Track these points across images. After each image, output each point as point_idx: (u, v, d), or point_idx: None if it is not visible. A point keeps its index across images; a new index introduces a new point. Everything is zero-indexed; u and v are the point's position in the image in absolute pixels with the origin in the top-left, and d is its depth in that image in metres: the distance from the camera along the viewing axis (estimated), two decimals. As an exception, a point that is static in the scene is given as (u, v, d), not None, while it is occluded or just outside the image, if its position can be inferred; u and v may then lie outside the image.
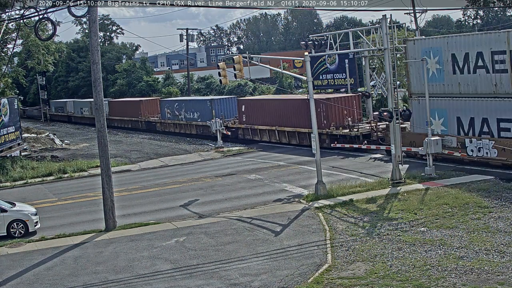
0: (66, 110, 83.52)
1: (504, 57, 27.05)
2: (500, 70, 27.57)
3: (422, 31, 65.16)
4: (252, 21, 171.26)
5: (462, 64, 29.37)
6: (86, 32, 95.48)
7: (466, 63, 29.17)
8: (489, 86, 28.33)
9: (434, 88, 30.62)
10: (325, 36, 29.41)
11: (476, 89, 29.11)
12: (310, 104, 26.25)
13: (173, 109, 55.89)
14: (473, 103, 29.14)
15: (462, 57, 29.21)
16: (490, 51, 27.78)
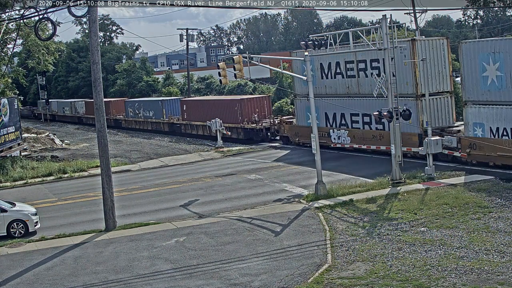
0: (51, 109, 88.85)
1: (353, 66, 34.91)
2: (351, 75, 35.52)
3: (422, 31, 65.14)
4: (252, 21, 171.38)
5: (327, 71, 37.30)
6: (86, 32, 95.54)
7: (329, 71, 37.12)
8: (344, 88, 36.12)
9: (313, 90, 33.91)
10: (325, 36, 29.37)
11: (336, 91, 36.89)
12: (310, 104, 26.25)
13: (134, 108, 63.63)
14: (336, 102, 36.20)
15: (326, 66, 37.22)
16: (344, 61, 35.34)
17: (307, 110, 36.76)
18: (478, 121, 28.21)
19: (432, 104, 30.90)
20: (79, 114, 77.74)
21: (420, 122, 30.88)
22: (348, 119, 35.89)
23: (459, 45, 29.58)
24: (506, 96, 26.75)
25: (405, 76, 31.41)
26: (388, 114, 25.85)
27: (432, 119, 30.36)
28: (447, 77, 32.23)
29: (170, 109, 57.92)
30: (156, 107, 59.39)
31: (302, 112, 39.63)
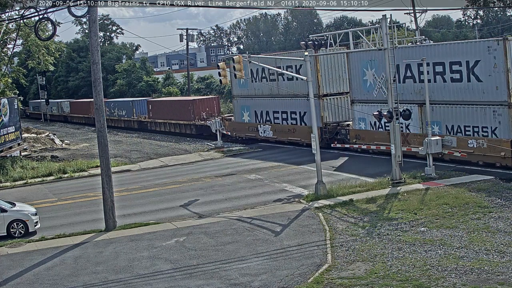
0: (40, 109, 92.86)
1: (274, 71, 39.41)
2: (272, 79, 41.75)
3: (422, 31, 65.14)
4: (252, 21, 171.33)
5: (255, 76, 43.23)
6: (86, 32, 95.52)
7: (257, 75, 43.27)
8: (268, 90, 42.28)
9: (244, 92, 45.03)
10: (325, 36, 29.41)
11: (263, 92, 43.07)
12: (310, 104, 26.26)
13: (110, 108, 68.23)
14: (262, 101, 43.15)
15: (257, 70, 42.74)
16: (279, 65, 39.46)
17: (241, 109, 45.50)
18: (362, 116, 34.32)
19: (332, 103, 37.59)
20: (64, 113, 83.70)
21: (321, 117, 37.11)
22: (271, 116, 42.48)
23: (347, 55, 34.95)
24: (380, 95, 32.86)
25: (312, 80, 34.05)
26: (388, 114, 25.89)
27: (332, 115, 37.84)
28: (346, 81, 36.66)
29: (139, 108, 63.46)
30: (128, 107, 65.37)
31: (238, 111, 46.32)
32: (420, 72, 30.08)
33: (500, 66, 26.93)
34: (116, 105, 68.41)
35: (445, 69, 29.63)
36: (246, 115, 44.86)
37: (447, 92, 29.78)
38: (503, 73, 26.87)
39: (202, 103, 53.32)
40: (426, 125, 28.22)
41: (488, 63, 27.42)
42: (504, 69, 26.76)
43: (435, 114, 29.92)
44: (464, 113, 28.96)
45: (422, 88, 29.64)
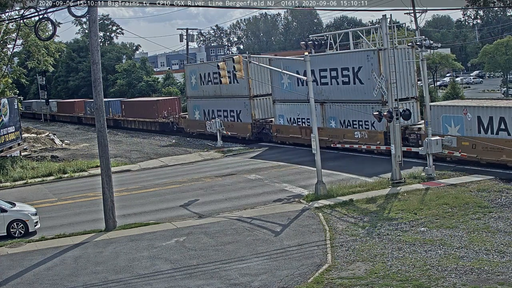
0: (31, 109, 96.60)
1: (217, 76, 42.65)
2: (216, 82, 47.68)
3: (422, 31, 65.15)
4: (252, 21, 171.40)
5: (203, 79, 50.01)
6: (86, 32, 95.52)
7: (204, 79, 49.92)
8: (213, 91, 48.61)
9: (195, 93, 51.78)
10: (325, 36, 29.47)
11: (209, 94, 49.58)
12: (310, 104, 26.27)
13: (91, 107, 73.62)
14: (209, 102, 49.72)
15: (204, 75, 49.95)
16: (212, 71, 47.09)
17: (193, 108, 52.39)
18: (281, 113, 41.30)
19: (260, 103, 44.46)
20: (52, 112, 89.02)
21: (252, 115, 44.00)
22: (216, 114, 48.72)
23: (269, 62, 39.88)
24: (292, 96, 38.79)
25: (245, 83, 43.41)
26: (388, 114, 25.91)
27: (261, 113, 44.56)
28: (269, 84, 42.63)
29: (114, 108, 68.77)
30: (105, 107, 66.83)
31: (191, 109, 52.95)
32: (321, 76, 36.73)
33: (376, 71, 32.30)
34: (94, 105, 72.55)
35: (338, 74, 35.42)
36: (197, 114, 51.75)
37: (340, 93, 35.73)
38: (378, 77, 30.58)
39: (165, 103, 59.21)
40: (426, 125, 28.23)
41: (368, 69, 33.01)
42: (378, 74, 31.52)
43: (332, 111, 36.77)
44: (352, 110, 34.89)
45: (323, 90, 36.70)
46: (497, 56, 71.57)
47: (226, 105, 47.22)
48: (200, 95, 50.70)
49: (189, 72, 52.67)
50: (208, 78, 49.43)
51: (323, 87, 36.61)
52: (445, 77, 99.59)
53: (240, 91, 44.61)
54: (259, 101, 44.23)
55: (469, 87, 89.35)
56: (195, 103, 51.79)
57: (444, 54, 75.65)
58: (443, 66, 79.42)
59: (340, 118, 36.17)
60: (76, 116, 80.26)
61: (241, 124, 45.22)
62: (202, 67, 52.39)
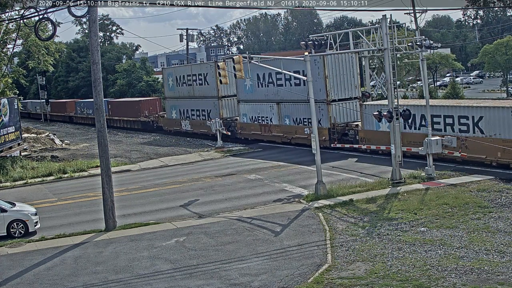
0: (27, 108, 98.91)
1: (190, 78, 51.51)
2: (189, 84, 52.47)
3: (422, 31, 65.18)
4: (252, 21, 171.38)
5: (179, 81, 54.03)
6: (86, 32, 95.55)
7: (180, 81, 53.87)
8: (188, 92, 53.00)
9: (172, 94, 55.99)
10: (325, 36, 29.37)
11: (184, 95, 53.54)
12: (310, 104, 26.27)
13: (81, 107, 78.99)
14: (184, 102, 53.47)
15: (179, 77, 54.01)
16: (186, 74, 52.48)
17: (171, 108, 56.25)
18: (244, 112, 45.28)
19: (228, 103, 48.15)
20: (45, 112, 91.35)
21: (220, 114, 47.73)
22: (190, 113, 52.91)
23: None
24: (254, 96, 44.12)
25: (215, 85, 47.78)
26: (388, 114, 25.90)
27: (228, 112, 48.18)
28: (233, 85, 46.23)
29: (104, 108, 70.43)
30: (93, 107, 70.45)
31: (168, 109, 56.95)
32: (277, 79, 40.95)
33: (321, 74, 37.14)
34: (85, 105, 78.16)
35: (291, 77, 38.33)
36: (174, 113, 55.60)
37: (293, 93, 38.85)
38: (323, 79, 37.08)
39: (147, 103, 63.24)
40: (426, 125, 28.23)
41: (315, 72, 36.33)
42: (323, 76, 37.02)
43: (286, 110, 41.14)
44: (303, 108, 39.04)
45: (279, 91, 41.04)
46: (497, 56, 71.56)
47: (198, 105, 51.29)
48: (176, 96, 54.81)
49: (166, 74, 56.87)
50: (183, 80, 53.39)
51: (279, 88, 40.92)
52: (445, 77, 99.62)
53: (210, 92, 48.76)
54: (226, 101, 48.18)
55: (469, 87, 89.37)
56: (172, 103, 55.74)
57: (444, 54, 75.70)
58: (443, 66, 79.47)
59: (293, 116, 40.50)
60: (67, 115, 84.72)
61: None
62: (178, 70, 56.77)
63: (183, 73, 53.43)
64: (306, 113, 38.06)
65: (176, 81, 54.48)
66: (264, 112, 43.11)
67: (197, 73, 50.97)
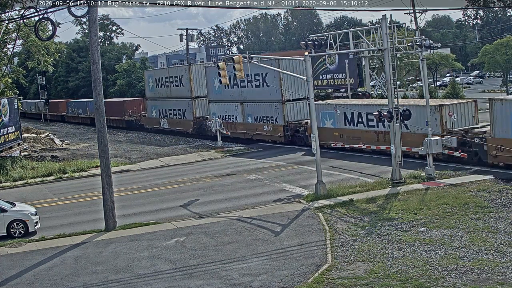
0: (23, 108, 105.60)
1: (167, 80, 56.01)
2: (167, 86, 56.74)
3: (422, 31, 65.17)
4: (252, 21, 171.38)
5: (158, 83, 58.57)
6: (86, 32, 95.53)
7: (159, 82, 58.34)
8: (165, 93, 57.11)
9: (152, 94, 60.28)
10: (325, 36, 29.36)
11: (163, 95, 57.66)
12: (310, 105, 26.28)
13: (72, 107, 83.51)
14: (162, 102, 57.79)
15: (159, 79, 58.53)
16: (164, 76, 57.14)
17: (151, 107, 60.51)
18: (214, 111, 49.23)
19: (200, 103, 52.13)
20: (40, 112, 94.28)
21: (193, 113, 52.10)
22: (167, 112, 56.96)
23: (205, 69, 50.27)
24: (221, 97, 48.01)
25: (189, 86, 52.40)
26: (388, 114, 25.91)
27: (201, 112, 51.99)
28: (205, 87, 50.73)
29: (91, 107, 74.34)
30: (83, 106, 79.67)
31: (149, 109, 61.10)
32: (241, 80, 43.66)
33: (277, 76, 41.06)
34: (75, 105, 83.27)
35: (252, 79, 43.13)
36: (154, 112, 59.85)
37: (254, 94, 43.85)
38: (278, 81, 40.94)
39: (131, 103, 67.29)
40: (426, 125, 28.23)
41: (272, 74, 40.93)
42: (278, 79, 40.69)
43: (249, 109, 45.15)
44: (263, 108, 43.41)
45: (242, 92, 45.38)
46: (497, 56, 71.54)
47: (175, 105, 55.48)
48: (156, 96, 59.04)
49: (147, 76, 61.85)
50: (161, 82, 57.75)
51: (242, 89, 45.33)
52: (445, 77, 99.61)
53: (185, 93, 53.07)
54: (199, 101, 52.22)
55: (469, 87, 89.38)
56: (153, 103, 60.05)
57: (444, 54, 75.66)
58: (443, 66, 79.46)
59: (254, 114, 44.56)
60: (59, 115, 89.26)
61: (185, 121, 53.78)
62: (158, 72, 61.88)
63: (162, 75, 58.02)
64: (265, 112, 43.20)
65: (156, 82, 58.80)
66: (230, 111, 47.23)
67: (173, 75, 55.28)
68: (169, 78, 56.03)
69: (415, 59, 46.49)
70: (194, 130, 52.26)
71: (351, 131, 35.44)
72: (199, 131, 51.64)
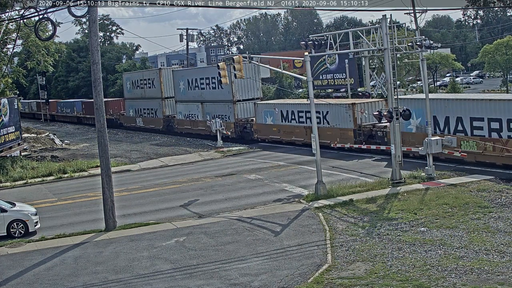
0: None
1: (142, 82, 61.66)
2: (142, 87, 62.05)
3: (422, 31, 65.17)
4: (252, 21, 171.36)
5: (135, 85, 63.73)
6: (86, 32, 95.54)
7: (135, 84, 63.49)
8: (140, 94, 62.39)
9: (129, 95, 65.34)
10: (325, 36, 29.35)
11: (138, 96, 62.99)
12: (310, 105, 26.28)
13: (61, 107, 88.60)
14: (138, 102, 63.11)
15: (135, 81, 63.55)
16: (140, 79, 62.43)
17: (129, 107, 65.94)
18: (180, 111, 54.85)
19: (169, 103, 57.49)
20: (33, 111, 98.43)
21: (163, 112, 57.98)
22: (142, 111, 62.57)
23: (173, 73, 56.68)
24: (186, 97, 53.83)
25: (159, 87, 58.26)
26: (388, 114, 25.90)
27: (170, 111, 57.49)
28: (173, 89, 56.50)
29: (78, 107, 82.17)
30: (71, 106, 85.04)
31: (127, 108, 66.97)
32: (201, 83, 51.13)
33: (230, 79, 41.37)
34: (64, 105, 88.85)
35: (209, 81, 49.91)
36: (131, 111, 65.11)
37: (212, 95, 49.70)
38: (230, 83, 43.50)
39: (113, 103, 71.29)
40: (426, 125, 28.24)
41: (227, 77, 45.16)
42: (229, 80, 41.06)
43: (208, 108, 50.52)
44: (218, 107, 48.83)
45: (202, 93, 51.13)
46: (497, 56, 71.53)
47: (148, 105, 61.20)
48: (133, 97, 64.36)
49: (125, 78, 67.26)
50: (137, 84, 63.19)
51: (202, 91, 51.19)
52: (445, 77, 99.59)
53: (156, 94, 58.88)
54: (168, 101, 57.56)
55: (469, 87, 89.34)
56: (130, 103, 65.41)
57: (444, 54, 75.67)
58: (443, 66, 79.47)
59: (212, 113, 49.32)
60: (49, 114, 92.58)
61: (157, 119, 59.51)
62: (134, 75, 66.69)
63: (137, 77, 63.73)
64: (221, 111, 48.63)
65: (132, 84, 64.27)
66: (193, 110, 52.95)
67: (147, 78, 61.12)
68: (144, 80, 61.66)
69: (415, 59, 46.50)
70: (163, 127, 57.89)
71: (287, 127, 41.14)
72: (168, 128, 57.43)
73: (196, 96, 51.95)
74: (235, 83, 44.97)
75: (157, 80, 58.36)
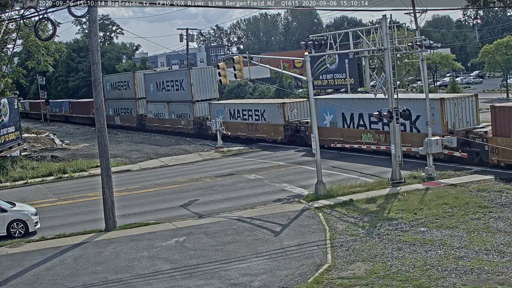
0: None
1: (119, 84, 67.72)
2: (119, 89, 68.20)
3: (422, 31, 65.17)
4: (252, 21, 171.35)
5: (113, 86, 69.06)
6: (86, 32, 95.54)
7: (114, 86, 68.93)
8: (118, 95, 68.40)
9: (109, 95, 67.87)
10: (325, 36, 29.33)
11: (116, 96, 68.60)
12: (310, 105, 26.28)
13: (52, 107, 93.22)
14: (117, 102, 68.76)
15: (113, 83, 69.10)
16: (117, 81, 68.48)
17: (109, 107, 68.58)
18: (151, 110, 60.91)
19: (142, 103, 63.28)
20: (26, 110, 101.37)
21: (137, 111, 63.66)
22: (120, 111, 68.47)
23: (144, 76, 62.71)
24: (155, 98, 59.57)
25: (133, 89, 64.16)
26: (388, 114, 25.90)
27: (143, 110, 62.93)
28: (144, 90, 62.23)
29: (65, 107, 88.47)
30: (60, 106, 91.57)
31: (108, 108, 66.99)
32: (167, 85, 56.85)
33: (189, 82, 52.58)
34: (54, 105, 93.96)
35: (174, 84, 55.56)
36: (111, 111, 69.45)
37: (176, 96, 55.42)
38: (189, 86, 52.36)
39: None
40: (426, 125, 28.24)
41: (186, 81, 53.19)
42: (189, 83, 52.22)
43: (173, 108, 55.94)
44: (180, 107, 54.33)
45: (168, 94, 56.68)
46: (497, 56, 71.53)
47: (124, 104, 67.14)
48: (112, 97, 69.31)
49: (105, 80, 70.35)
50: (115, 86, 68.90)
51: (168, 92, 56.90)
52: (445, 77, 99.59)
53: (131, 95, 64.67)
54: (141, 102, 63.52)
55: (469, 87, 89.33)
56: (110, 103, 69.42)
57: (444, 54, 75.65)
58: (443, 66, 79.45)
59: (176, 112, 55.37)
60: (41, 113, 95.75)
61: (132, 117, 65.42)
62: (112, 77, 72.01)
63: (115, 80, 69.54)
64: (182, 110, 54.51)
65: (112, 86, 69.42)
66: (161, 109, 58.70)
67: (123, 80, 67.03)
68: (121, 82, 67.62)
69: (415, 59, 46.46)
70: (137, 125, 64.23)
71: (233, 124, 46.63)
72: (141, 126, 63.42)
73: (164, 97, 57.82)
74: (194, 85, 51.81)
75: (131, 83, 64.20)
